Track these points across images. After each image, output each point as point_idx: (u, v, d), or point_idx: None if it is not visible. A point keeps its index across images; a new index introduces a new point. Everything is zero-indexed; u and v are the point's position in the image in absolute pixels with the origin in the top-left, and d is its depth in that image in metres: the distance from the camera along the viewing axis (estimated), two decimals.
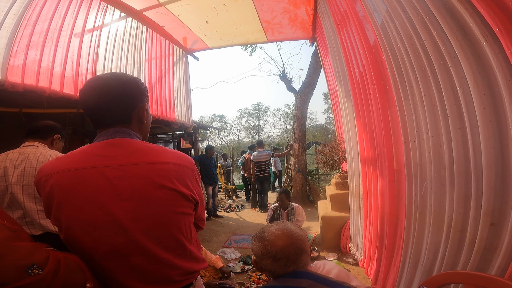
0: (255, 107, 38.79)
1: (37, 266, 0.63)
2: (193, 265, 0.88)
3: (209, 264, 2.75)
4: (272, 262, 0.97)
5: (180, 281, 0.84)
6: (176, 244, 0.82)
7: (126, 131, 0.83)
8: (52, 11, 2.40)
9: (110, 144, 0.80)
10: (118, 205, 0.74)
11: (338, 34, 2.65)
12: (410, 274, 1.68)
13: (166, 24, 3.97)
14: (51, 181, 0.75)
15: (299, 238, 1.01)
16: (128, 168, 0.77)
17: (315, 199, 6.00)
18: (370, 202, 2.38)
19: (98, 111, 0.83)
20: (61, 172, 0.75)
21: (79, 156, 0.79)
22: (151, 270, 0.78)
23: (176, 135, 5.30)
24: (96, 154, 0.78)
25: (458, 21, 1.10)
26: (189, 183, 0.85)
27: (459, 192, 1.26)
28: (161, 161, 0.80)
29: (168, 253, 0.80)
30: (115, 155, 0.78)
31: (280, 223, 1.07)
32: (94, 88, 0.82)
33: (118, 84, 0.83)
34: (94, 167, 0.76)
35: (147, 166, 0.78)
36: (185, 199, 0.83)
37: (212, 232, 4.57)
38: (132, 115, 0.85)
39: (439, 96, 1.31)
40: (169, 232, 0.80)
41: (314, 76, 6.34)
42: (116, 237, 0.74)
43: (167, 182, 0.79)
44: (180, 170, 0.83)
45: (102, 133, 0.82)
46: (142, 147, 0.82)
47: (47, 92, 2.34)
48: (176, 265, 0.82)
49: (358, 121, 2.49)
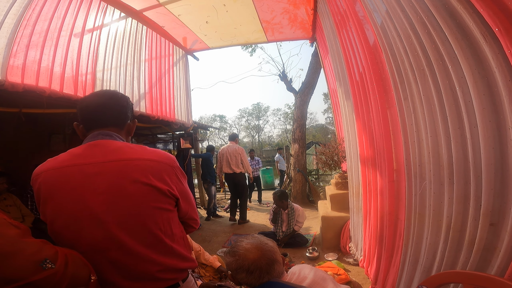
0: (255, 107, 38.82)
1: (49, 261, 0.67)
2: (178, 263, 0.89)
3: (207, 264, 2.75)
4: (246, 275, 1.01)
5: (163, 279, 0.86)
6: (154, 239, 0.84)
7: (108, 133, 0.90)
8: (52, 11, 2.40)
9: (92, 145, 0.87)
10: (94, 199, 0.79)
11: (338, 34, 2.65)
12: (410, 274, 1.68)
13: (166, 24, 3.97)
14: (39, 180, 0.83)
15: (269, 249, 1.05)
16: (105, 164, 0.82)
17: (315, 199, 5.99)
18: (369, 202, 2.38)
19: (97, 111, 0.91)
20: (47, 171, 0.83)
21: (64, 157, 0.86)
22: (129, 264, 0.81)
23: (176, 135, 5.29)
24: (79, 154, 0.85)
25: (458, 21, 1.10)
26: (167, 179, 0.87)
27: (458, 192, 1.26)
28: (138, 158, 0.85)
29: (145, 248, 0.82)
30: (94, 154, 0.84)
31: (250, 237, 1.11)
32: (98, 95, 0.95)
33: (120, 96, 0.97)
34: (75, 165, 0.82)
35: (123, 163, 0.83)
36: (162, 194, 0.86)
37: (212, 232, 4.57)
38: (126, 123, 0.96)
39: (438, 97, 1.31)
40: (144, 225, 0.82)
41: (314, 76, 6.34)
42: (94, 230, 0.79)
43: (142, 177, 0.82)
44: (158, 166, 0.86)
45: (88, 137, 0.89)
46: (121, 146, 0.88)
47: (47, 92, 2.34)
48: (155, 261, 0.83)
49: (358, 121, 2.50)
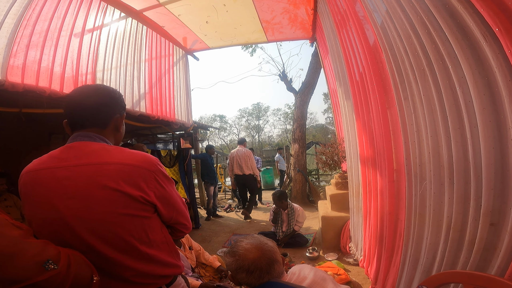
0: (255, 107, 38.84)
1: (52, 261, 0.67)
2: (156, 269, 0.86)
3: (207, 264, 2.75)
4: (246, 275, 1.01)
5: (141, 283, 0.84)
6: (126, 245, 0.81)
7: (88, 135, 0.87)
8: (52, 11, 2.40)
9: (69, 147, 0.86)
10: (63, 203, 0.78)
11: (338, 34, 2.65)
12: (410, 274, 1.68)
13: (166, 24, 3.97)
14: (20, 181, 0.85)
15: (269, 249, 1.05)
16: (75, 168, 0.81)
17: (315, 199, 5.99)
18: (370, 202, 2.38)
19: (76, 112, 0.89)
20: (26, 173, 0.84)
21: (43, 159, 0.86)
22: (105, 267, 0.81)
23: (176, 135, 5.29)
24: (54, 156, 0.85)
25: (458, 21, 1.10)
26: (141, 184, 0.82)
27: (458, 192, 1.26)
28: (109, 162, 0.81)
29: (118, 253, 0.81)
30: (68, 157, 0.83)
31: (249, 237, 1.11)
32: (79, 92, 0.91)
33: (104, 92, 0.92)
34: (48, 168, 0.82)
35: (93, 167, 0.81)
36: (133, 200, 0.81)
37: (212, 232, 4.57)
38: (110, 121, 0.92)
39: (438, 96, 1.31)
40: (115, 233, 0.80)
41: (314, 76, 6.34)
42: (65, 234, 0.79)
43: (111, 182, 0.79)
44: (130, 171, 0.81)
45: (70, 137, 0.88)
46: (97, 148, 0.85)
47: (47, 92, 2.34)
48: (128, 266, 0.82)
49: (358, 121, 2.50)
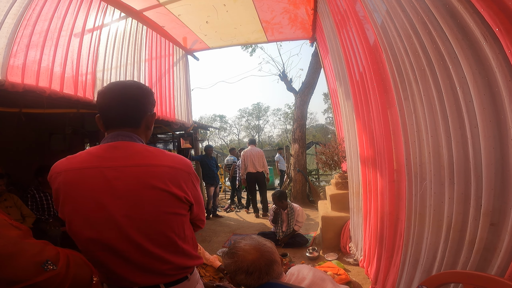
0: (255, 107, 38.82)
1: (50, 262, 0.67)
2: (186, 261, 0.92)
3: (207, 264, 2.75)
4: (245, 276, 1.01)
5: (172, 275, 0.89)
6: (168, 241, 0.87)
7: (128, 135, 0.89)
8: (52, 11, 2.40)
9: (112, 146, 0.87)
10: (113, 203, 0.81)
11: (338, 34, 2.65)
12: (410, 274, 1.68)
13: (166, 24, 3.97)
14: (59, 179, 0.83)
15: (268, 250, 1.04)
16: (125, 169, 0.83)
17: (315, 199, 5.99)
18: (370, 202, 2.38)
19: (112, 111, 0.89)
20: (68, 171, 0.83)
21: (84, 157, 0.86)
22: (143, 262, 0.84)
23: (176, 135, 5.29)
24: (98, 155, 0.85)
25: (458, 21, 1.10)
26: (183, 185, 0.88)
27: (459, 192, 1.26)
28: (156, 164, 0.86)
29: (159, 249, 0.85)
30: (115, 157, 0.84)
31: (248, 238, 1.10)
32: (113, 90, 0.90)
33: (137, 89, 0.92)
34: (95, 167, 0.83)
35: (142, 168, 0.84)
36: (178, 200, 0.87)
37: (212, 232, 4.57)
38: (142, 121, 0.93)
39: (439, 96, 1.31)
40: (160, 230, 0.85)
41: (314, 76, 6.33)
42: (110, 232, 0.81)
43: (160, 183, 0.83)
44: (175, 173, 0.87)
45: (108, 136, 0.89)
46: (141, 149, 0.88)
47: (47, 92, 2.34)
48: (167, 260, 0.87)
49: (358, 121, 2.49)
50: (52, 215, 3.16)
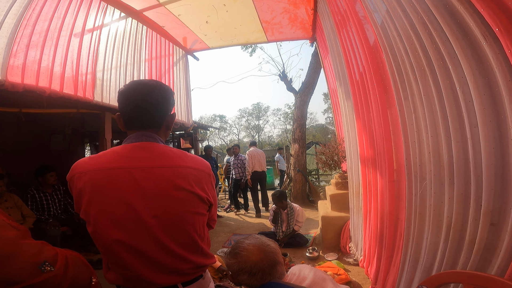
0: (255, 107, 38.81)
1: (48, 263, 0.66)
2: (204, 260, 0.95)
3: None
4: (248, 277, 1.01)
5: (190, 274, 0.91)
6: (190, 241, 0.89)
7: (152, 136, 0.90)
8: (52, 11, 2.40)
9: (138, 147, 0.87)
10: (142, 203, 0.81)
11: (338, 34, 2.65)
12: (410, 274, 1.68)
13: (166, 24, 3.97)
14: (84, 178, 0.81)
15: (271, 250, 1.04)
16: (153, 170, 0.84)
17: (315, 199, 5.99)
18: (370, 202, 2.38)
19: (137, 113, 0.89)
20: (94, 171, 0.82)
21: (110, 157, 0.86)
22: (167, 263, 0.85)
23: (176, 135, 5.30)
24: (125, 155, 0.85)
25: (458, 21, 1.10)
26: (205, 187, 0.91)
27: (458, 192, 1.26)
28: (182, 165, 0.88)
29: (182, 249, 0.87)
30: (142, 158, 0.85)
31: (251, 238, 1.10)
32: (138, 90, 0.89)
33: (162, 91, 0.91)
34: (123, 167, 0.83)
35: (169, 170, 0.85)
36: (201, 201, 0.90)
37: (212, 232, 4.57)
38: (163, 122, 0.94)
39: (439, 96, 1.31)
40: (185, 230, 0.87)
41: (314, 76, 6.33)
42: (138, 232, 0.81)
43: (186, 184, 0.86)
44: (198, 174, 0.90)
45: (131, 136, 0.89)
46: (166, 151, 0.89)
47: (47, 92, 2.34)
48: (189, 260, 0.89)
49: (358, 121, 2.49)
50: (52, 215, 3.16)
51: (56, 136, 4.63)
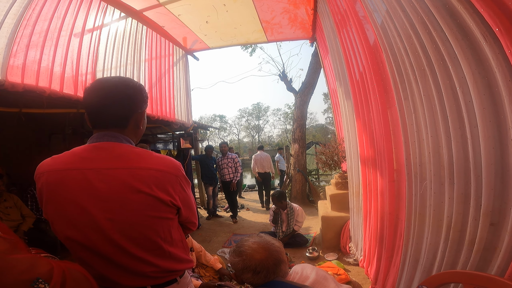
0: (255, 107, 38.85)
1: (42, 280, 0.60)
2: (174, 265, 0.91)
3: (208, 265, 2.74)
4: (252, 275, 1.01)
5: (158, 278, 0.88)
6: (153, 245, 0.86)
7: (114, 135, 0.86)
8: (52, 11, 2.40)
9: (97, 147, 0.84)
10: (96, 205, 0.79)
11: (338, 34, 2.65)
12: (410, 274, 1.68)
13: (166, 24, 3.96)
14: (42, 179, 0.82)
15: (276, 249, 1.04)
16: (108, 171, 0.81)
17: (315, 199, 5.99)
18: (370, 202, 2.38)
19: (98, 111, 0.86)
20: (50, 172, 0.82)
21: (68, 157, 0.84)
22: (127, 265, 0.83)
23: (176, 135, 5.29)
24: (82, 156, 0.83)
25: (458, 21, 1.10)
26: (170, 189, 0.86)
27: (458, 192, 1.26)
28: (142, 167, 0.83)
29: (144, 252, 0.84)
30: (99, 158, 0.82)
31: (256, 237, 1.10)
32: (100, 88, 0.86)
33: (125, 88, 0.87)
34: (78, 168, 0.81)
35: (126, 171, 0.81)
36: (164, 204, 0.85)
37: (212, 232, 4.57)
38: (130, 120, 0.89)
39: (438, 96, 1.31)
40: (144, 234, 0.84)
41: (314, 76, 6.34)
42: (93, 235, 0.80)
43: (145, 187, 0.81)
44: (162, 176, 0.84)
45: (94, 136, 0.87)
46: (126, 152, 0.85)
47: (47, 92, 2.34)
48: (152, 263, 0.86)
49: (358, 121, 2.49)
50: None
51: (56, 136, 4.62)
